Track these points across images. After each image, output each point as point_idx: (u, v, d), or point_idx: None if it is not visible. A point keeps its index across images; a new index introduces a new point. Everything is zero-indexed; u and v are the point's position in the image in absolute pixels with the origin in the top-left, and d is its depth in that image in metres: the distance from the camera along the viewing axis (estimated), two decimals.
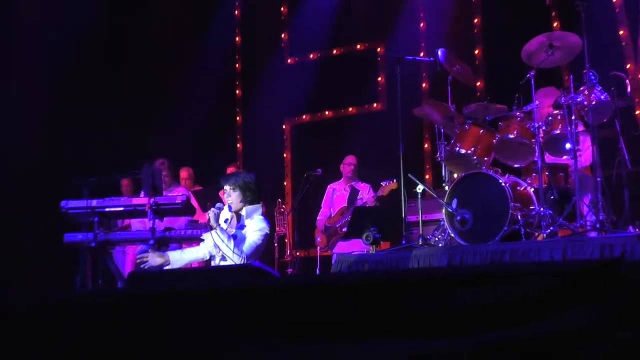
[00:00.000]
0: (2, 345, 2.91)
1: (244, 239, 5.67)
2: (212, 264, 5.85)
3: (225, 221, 5.82)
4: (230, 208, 5.82)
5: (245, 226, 5.76)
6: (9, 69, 10.13)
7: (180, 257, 5.93)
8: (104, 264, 6.76)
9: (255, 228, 5.73)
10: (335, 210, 9.46)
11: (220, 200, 7.21)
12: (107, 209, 6.72)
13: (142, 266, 5.83)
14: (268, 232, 5.80)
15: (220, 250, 5.61)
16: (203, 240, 5.95)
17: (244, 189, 5.78)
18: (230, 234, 5.68)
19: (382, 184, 8.90)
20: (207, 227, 5.75)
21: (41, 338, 2.90)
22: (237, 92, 12.41)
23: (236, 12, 12.51)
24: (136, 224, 8.91)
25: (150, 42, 11.62)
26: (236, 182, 5.79)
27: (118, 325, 2.79)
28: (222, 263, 5.67)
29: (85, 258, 6.58)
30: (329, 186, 9.70)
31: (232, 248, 5.53)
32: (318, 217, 9.60)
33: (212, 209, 5.71)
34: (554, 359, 2.18)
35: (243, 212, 5.81)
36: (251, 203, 5.83)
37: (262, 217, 5.85)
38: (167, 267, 5.85)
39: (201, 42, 11.85)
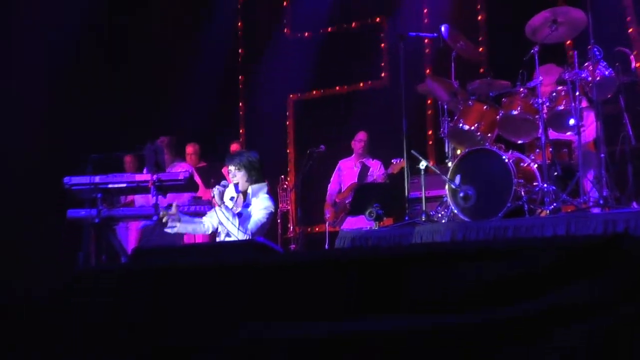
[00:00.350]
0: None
1: (249, 216, 5.71)
2: (217, 240, 5.88)
3: (231, 199, 5.84)
4: (236, 188, 5.84)
5: (250, 204, 5.79)
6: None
7: (186, 225, 5.91)
8: (107, 240, 6.78)
9: (261, 206, 5.77)
10: (345, 186, 9.46)
11: (224, 177, 7.21)
12: (110, 185, 6.72)
13: (169, 218, 5.79)
14: (273, 210, 5.86)
15: (225, 227, 5.64)
16: (206, 216, 5.98)
17: (249, 169, 5.81)
18: (236, 212, 5.71)
19: (393, 161, 8.91)
20: (211, 204, 5.77)
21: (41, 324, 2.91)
22: (239, 69, 12.38)
23: None
24: (140, 200, 8.91)
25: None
26: (241, 161, 5.82)
27: (121, 301, 2.79)
28: (227, 239, 5.70)
29: (89, 234, 6.59)
30: (339, 162, 9.71)
31: (237, 225, 5.57)
32: (328, 192, 9.61)
33: (217, 186, 5.75)
34: (558, 334, 2.18)
35: (249, 191, 5.85)
36: (256, 182, 5.86)
37: (267, 195, 5.89)
38: (173, 229, 5.84)
39: (204, 19, 11.81)
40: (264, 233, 5.90)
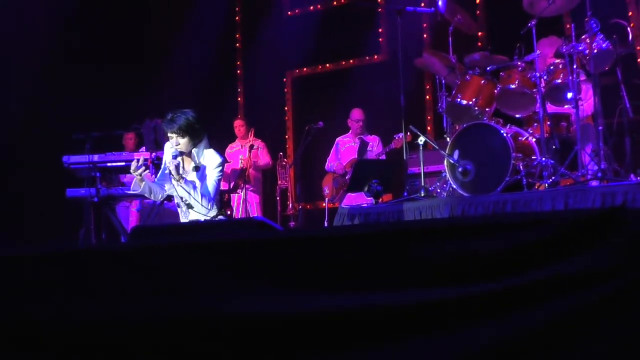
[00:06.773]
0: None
1: (204, 178, 5.50)
2: (180, 213, 5.60)
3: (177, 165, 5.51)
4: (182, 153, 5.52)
5: (205, 166, 5.53)
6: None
7: (150, 186, 5.59)
8: (107, 218, 6.80)
9: (212, 165, 5.51)
10: (344, 162, 9.46)
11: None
12: (108, 164, 6.74)
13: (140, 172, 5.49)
14: (222, 160, 5.58)
15: (186, 200, 5.44)
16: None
17: (191, 132, 5.44)
18: (190, 180, 5.48)
19: (395, 137, 8.86)
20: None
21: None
22: (238, 45, 12.36)
23: None
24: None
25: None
26: (181, 127, 5.41)
27: (120, 279, 2.80)
28: (190, 211, 5.48)
29: (89, 213, 6.61)
30: (337, 139, 9.71)
31: (199, 197, 5.36)
32: (327, 168, 9.59)
33: (172, 160, 5.41)
34: (554, 303, 2.21)
35: (194, 153, 5.54)
36: (199, 141, 5.55)
37: (211, 149, 5.59)
38: (136, 191, 5.59)
39: None
40: (220, 187, 5.68)
